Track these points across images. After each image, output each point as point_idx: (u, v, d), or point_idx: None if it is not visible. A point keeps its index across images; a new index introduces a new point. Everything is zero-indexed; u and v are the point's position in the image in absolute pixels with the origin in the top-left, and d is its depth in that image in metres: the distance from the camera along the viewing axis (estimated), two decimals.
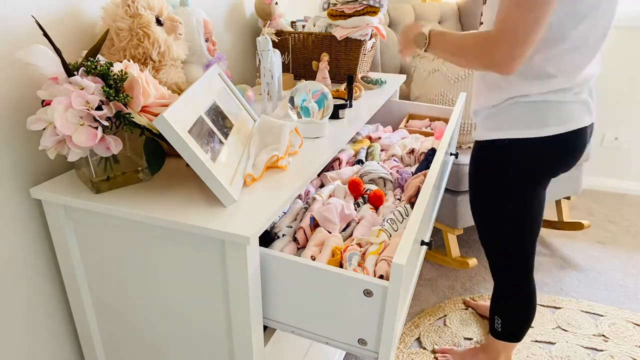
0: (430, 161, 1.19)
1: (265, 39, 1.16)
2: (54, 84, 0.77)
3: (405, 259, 0.71)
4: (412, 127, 1.71)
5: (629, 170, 2.77)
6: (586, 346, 1.65)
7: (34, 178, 0.92)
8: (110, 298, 0.95)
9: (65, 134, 0.73)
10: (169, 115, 0.73)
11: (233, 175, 0.86)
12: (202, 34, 1.16)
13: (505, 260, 1.27)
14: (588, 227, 2.25)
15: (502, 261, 1.28)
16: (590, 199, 2.75)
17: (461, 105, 1.50)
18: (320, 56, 1.50)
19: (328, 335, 0.84)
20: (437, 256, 2.13)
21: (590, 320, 1.78)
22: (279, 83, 1.34)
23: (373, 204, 1.07)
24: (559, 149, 1.06)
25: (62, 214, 0.88)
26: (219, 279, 0.80)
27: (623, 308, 1.84)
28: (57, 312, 1.03)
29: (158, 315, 0.92)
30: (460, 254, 2.09)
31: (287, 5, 1.89)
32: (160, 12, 0.98)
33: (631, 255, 2.19)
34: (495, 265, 1.31)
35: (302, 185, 0.90)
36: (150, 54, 0.96)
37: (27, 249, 0.94)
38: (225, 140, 0.91)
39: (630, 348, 1.64)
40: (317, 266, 0.77)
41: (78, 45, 0.98)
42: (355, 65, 1.58)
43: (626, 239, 2.32)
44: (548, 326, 1.74)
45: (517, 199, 1.14)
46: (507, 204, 1.16)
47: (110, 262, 0.90)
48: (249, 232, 0.73)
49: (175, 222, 0.77)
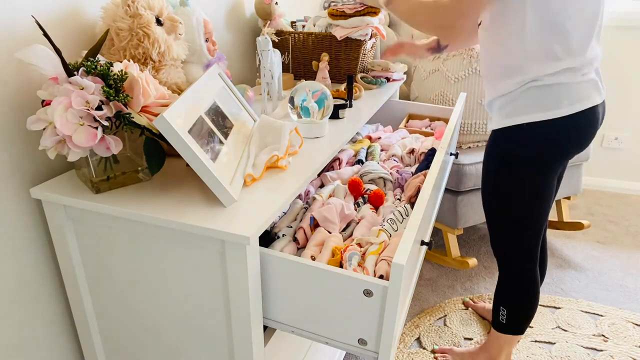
0: (430, 161, 1.19)
1: (265, 39, 1.16)
2: (53, 84, 0.77)
3: (405, 259, 0.71)
4: (412, 127, 1.71)
5: (629, 170, 2.78)
6: (586, 346, 1.65)
7: (34, 178, 0.92)
8: (110, 298, 0.95)
9: (65, 134, 0.73)
10: (169, 115, 0.73)
11: (233, 175, 0.86)
12: (202, 34, 1.16)
13: (513, 247, 1.28)
14: (588, 227, 2.25)
15: (509, 249, 1.29)
16: (590, 199, 2.75)
17: (461, 105, 1.50)
18: (320, 56, 1.50)
19: (328, 335, 0.84)
20: (437, 256, 2.13)
21: (590, 320, 1.78)
22: (279, 83, 1.34)
23: (373, 204, 1.07)
24: (573, 129, 1.10)
25: (62, 214, 0.88)
26: (219, 279, 0.80)
27: (623, 308, 1.84)
28: (57, 312, 1.03)
29: (158, 315, 0.92)
30: (460, 254, 2.09)
31: (287, 5, 1.89)
32: (160, 12, 0.98)
33: (631, 255, 2.19)
34: (502, 254, 1.32)
35: (302, 185, 0.90)
36: (150, 54, 0.96)
37: (27, 249, 0.94)
38: (225, 140, 0.91)
39: (630, 348, 1.64)
40: (317, 266, 0.77)
41: (78, 45, 0.98)
42: (355, 66, 1.58)
43: (626, 239, 2.32)
44: (548, 326, 1.74)
45: (532, 183, 1.17)
46: (521, 188, 1.19)
47: (111, 262, 0.90)
48: (249, 232, 0.73)
49: (175, 222, 0.77)
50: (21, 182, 0.90)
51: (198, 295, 0.84)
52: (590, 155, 2.24)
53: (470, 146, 2.03)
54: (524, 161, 1.15)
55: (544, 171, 1.15)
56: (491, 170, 1.24)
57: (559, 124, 1.08)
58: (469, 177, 1.88)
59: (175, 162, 0.99)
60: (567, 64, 1.04)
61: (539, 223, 1.24)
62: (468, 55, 1.90)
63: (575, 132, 1.11)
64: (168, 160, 0.99)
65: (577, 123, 1.09)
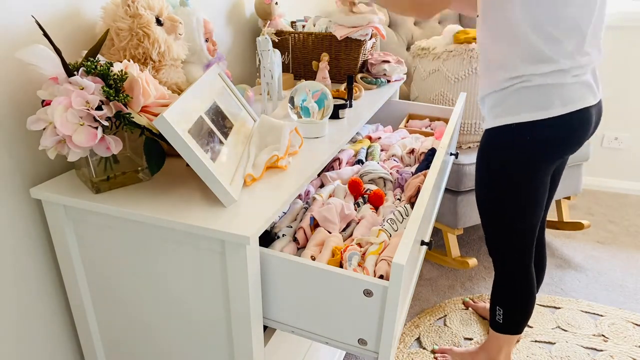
0: (430, 161, 1.19)
1: (265, 39, 1.16)
2: (53, 84, 0.77)
3: (405, 259, 0.71)
4: (412, 127, 1.71)
5: (629, 170, 2.78)
6: (586, 346, 1.65)
7: (34, 178, 0.92)
8: (110, 298, 0.95)
9: (65, 134, 0.73)
10: (169, 115, 0.73)
11: (233, 175, 0.86)
12: (202, 34, 1.16)
13: (508, 248, 1.28)
14: (588, 227, 2.25)
15: (504, 249, 1.29)
16: (590, 199, 2.75)
17: (461, 105, 1.50)
18: (320, 56, 1.50)
19: (328, 335, 0.84)
20: (437, 256, 2.13)
21: (590, 320, 1.78)
22: (279, 83, 1.34)
23: (373, 204, 1.07)
24: (565, 130, 1.10)
25: (62, 214, 0.88)
26: (218, 279, 0.80)
27: (623, 308, 1.84)
28: (57, 312, 1.03)
29: (158, 315, 0.92)
30: (460, 254, 2.09)
31: (287, 5, 1.89)
32: (160, 12, 0.98)
33: (631, 255, 2.19)
34: (497, 254, 1.32)
35: (302, 185, 0.90)
36: (150, 54, 0.96)
37: (27, 249, 0.94)
38: (225, 140, 0.91)
39: (630, 348, 1.64)
40: (317, 266, 0.77)
41: (78, 45, 0.98)
42: (355, 65, 1.58)
43: (626, 239, 2.32)
44: (548, 326, 1.74)
45: (524, 184, 1.17)
46: (514, 190, 1.19)
47: (110, 262, 0.90)
48: (249, 231, 0.73)
49: (175, 222, 0.77)
50: (21, 182, 0.90)
51: (198, 295, 0.84)
52: (590, 155, 2.24)
53: (470, 146, 2.03)
54: (516, 162, 1.15)
55: (536, 171, 1.15)
56: (484, 171, 1.24)
57: (551, 124, 1.08)
58: (469, 177, 1.88)
59: (175, 162, 0.99)
60: (557, 66, 1.04)
61: (532, 223, 1.24)
62: (468, 56, 1.90)
63: (567, 133, 1.11)
64: (168, 160, 0.99)
65: (569, 124, 1.08)
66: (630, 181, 2.79)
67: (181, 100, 0.81)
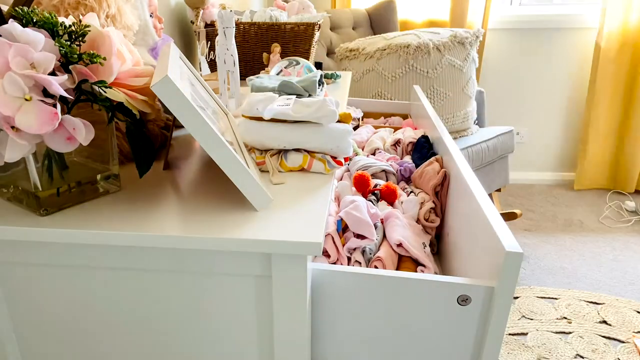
0: (427, 148, 1.06)
1: (230, 13, 0.94)
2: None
3: (518, 246, 0.55)
4: (369, 124, 1.58)
5: (531, 162, 2.99)
6: (555, 331, 1.65)
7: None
8: None
9: (3, 114, 0.44)
10: (173, 75, 0.49)
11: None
12: (147, 7, 0.90)
13: None
14: (520, 215, 2.33)
15: None
16: (503, 192, 2.90)
17: (424, 95, 1.41)
18: (271, 47, 1.31)
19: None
20: None
21: (548, 304, 1.79)
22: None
23: (387, 201, 0.90)
24: None
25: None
26: (252, 318, 0.56)
27: (572, 288, 1.90)
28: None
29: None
30: None
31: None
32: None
33: (558, 238, 2.31)
34: None
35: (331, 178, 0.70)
36: (98, 15, 0.68)
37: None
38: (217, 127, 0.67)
39: (593, 325, 1.67)
40: (398, 276, 0.57)
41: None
42: (308, 58, 1.41)
43: (548, 224, 2.46)
44: (513, 317, 1.72)
45: None
46: None
47: (67, 316, 0.60)
48: (315, 236, 0.51)
49: (199, 239, 0.51)
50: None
51: (219, 348, 0.58)
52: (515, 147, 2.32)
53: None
54: None
55: None
56: None
57: None
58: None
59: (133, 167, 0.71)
60: None
61: None
62: (404, 52, 1.85)
63: None
64: (126, 166, 0.71)
65: None
66: (533, 172, 3.01)
67: (171, 67, 0.56)
